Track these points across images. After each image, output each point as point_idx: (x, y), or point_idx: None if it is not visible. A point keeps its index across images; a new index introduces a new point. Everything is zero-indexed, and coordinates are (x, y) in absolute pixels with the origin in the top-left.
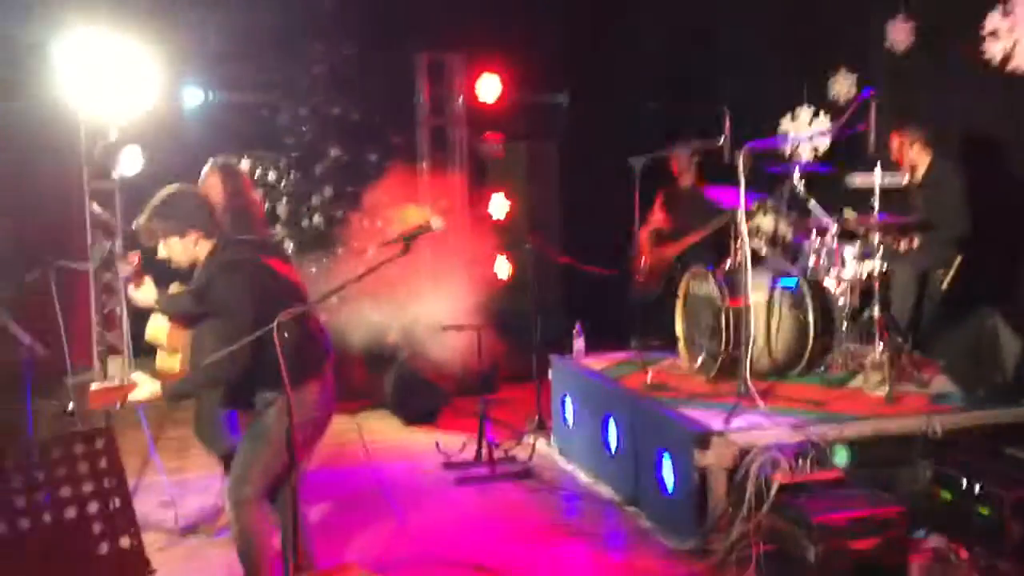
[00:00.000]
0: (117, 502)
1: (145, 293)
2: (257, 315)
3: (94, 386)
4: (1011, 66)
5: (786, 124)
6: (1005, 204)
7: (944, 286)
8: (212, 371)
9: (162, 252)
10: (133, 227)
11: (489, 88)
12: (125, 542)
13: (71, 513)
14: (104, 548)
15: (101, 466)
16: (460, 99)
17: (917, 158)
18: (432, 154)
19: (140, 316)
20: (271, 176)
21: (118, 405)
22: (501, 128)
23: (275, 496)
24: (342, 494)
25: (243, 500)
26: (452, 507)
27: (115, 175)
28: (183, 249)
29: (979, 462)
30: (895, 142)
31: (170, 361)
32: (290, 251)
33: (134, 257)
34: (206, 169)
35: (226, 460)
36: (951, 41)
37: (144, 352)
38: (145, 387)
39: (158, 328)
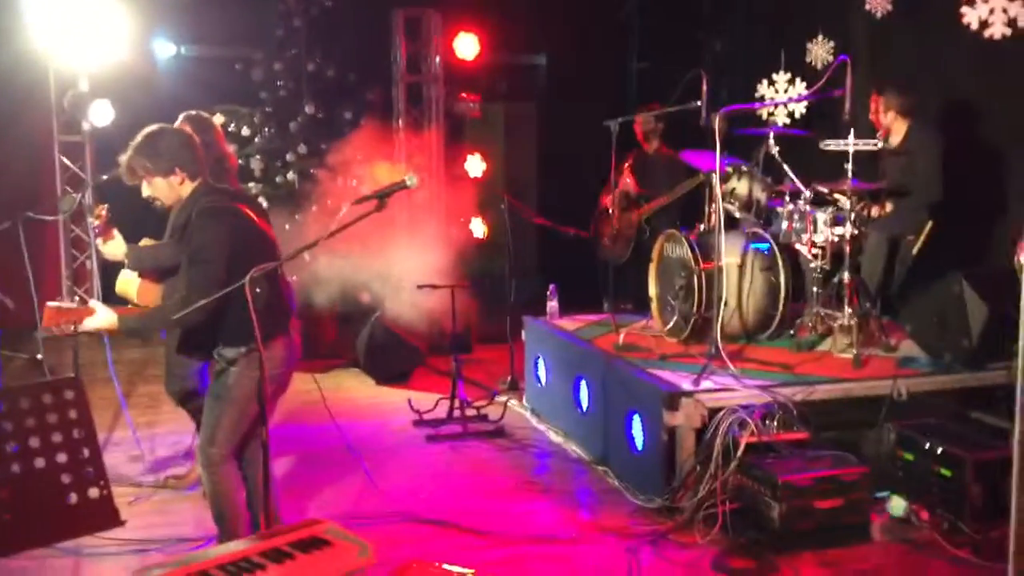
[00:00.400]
0: (86, 453)
1: (114, 247)
2: (230, 264)
3: (50, 304)
4: (988, 32)
5: (763, 89)
6: (978, 170)
7: (914, 252)
8: (174, 314)
9: (146, 191)
10: (118, 163)
11: (467, 47)
12: (94, 493)
13: (40, 463)
14: (73, 498)
15: (70, 416)
16: (437, 57)
17: (892, 124)
18: (408, 112)
19: (111, 270)
20: (245, 131)
21: (73, 328)
22: (479, 88)
23: (241, 454)
24: (311, 450)
25: (212, 461)
26: (423, 464)
27: (85, 126)
28: (167, 188)
29: (942, 425)
30: (873, 104)
31: (128, 286)
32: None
33: (102, 210)
34: (178, 121)
35: (180, 401)
36: (929, 7)
37: (115, 306)
38: (102, 315)
39: (127, 282)
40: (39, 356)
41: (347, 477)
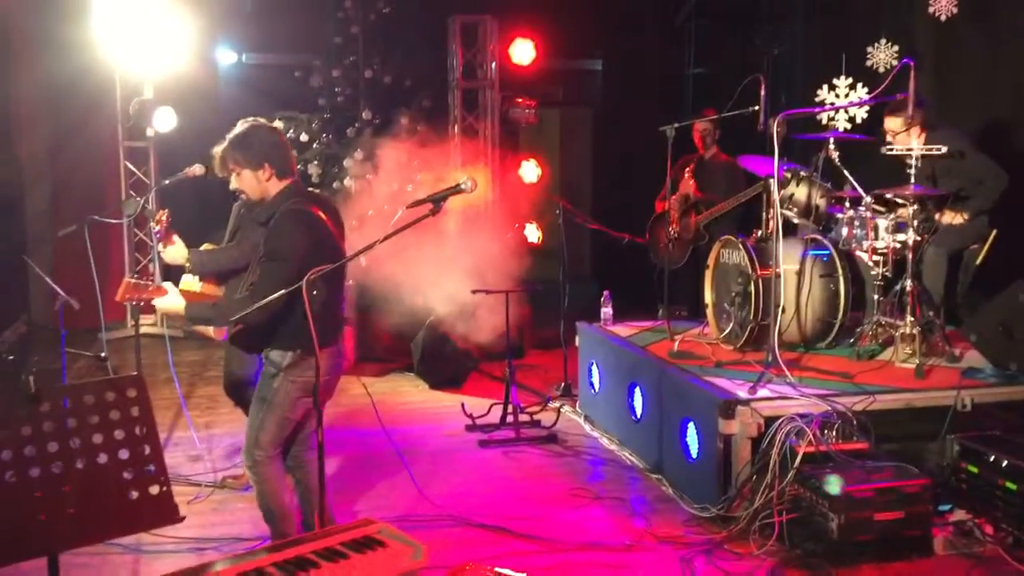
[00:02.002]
0: (147, 450)
1: (175, 252)
2: (301, 270)
3: (128, 279)
4: None
5: (823, 94)
6: None
7: (978, 260)
8: (239, 310)
9: (234, 183)
10: (212, 154)
11: (523, 52)
12: (155, 489)
13: (103, 459)
14: (134, 494)
15: (132, 414)
16: (493, 63)
17: (909, 140)
18: (464, 118)
19: (172, 272)
20: (303, 137)
21: (142, 304)
22: (534, 93)
23: (287, 456)
24: (364, 453)
25: (257, 462)
26: (475, 469)
27: (149, 132)
28: (255, 182)
29: (1007, 437)
30: (891, 123)
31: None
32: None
33: (163, 215)
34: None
35: (235, 397)
36: (995, 8)
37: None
38: (172, 299)
39: (189, 285)
40: (103, 355)
41: (400, 480)
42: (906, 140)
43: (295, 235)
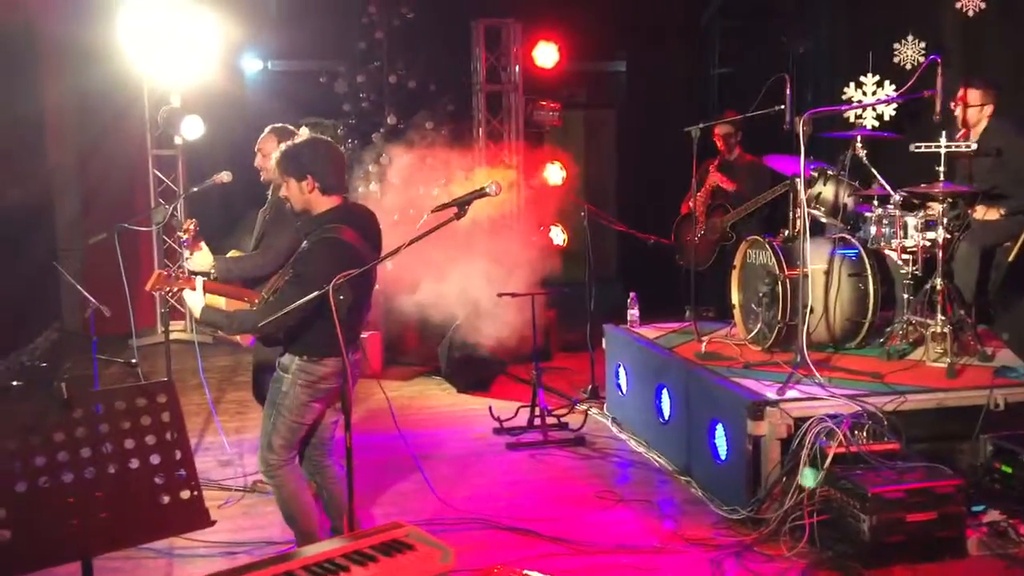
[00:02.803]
0: (179, 455)
1: (201, 259)
2: (321, 298)
3: (162, 271)
4: None
5: (850, 92)
6: None
7: (1011, 258)
8: (256, 322)
9: (283, 191)
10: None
11: (546, 55)
12: (186, 494)
13: (134, 464)
14: (165, 499)
15: (163, 419)
16: (517, 66)
17: (980, 121)
18: (488, 121)
19: None
20: None
21: (168, 292)
22: (558, 96)
23: (303, 460)
24: (396, 456)
25: (271, 466)
26: (503, 472)
27: (177, 140)
28: (298, 192)
29: None
30: (967, 98)
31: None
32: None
33: (190, 224)
34: (264, 133)
35: (259, 395)
36: (1022, 2)
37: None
38: (196, 296)
39: (214, 299)
40: (133, 361)
41: (431, 483)
42: (977, 115)
43: (325, 264)
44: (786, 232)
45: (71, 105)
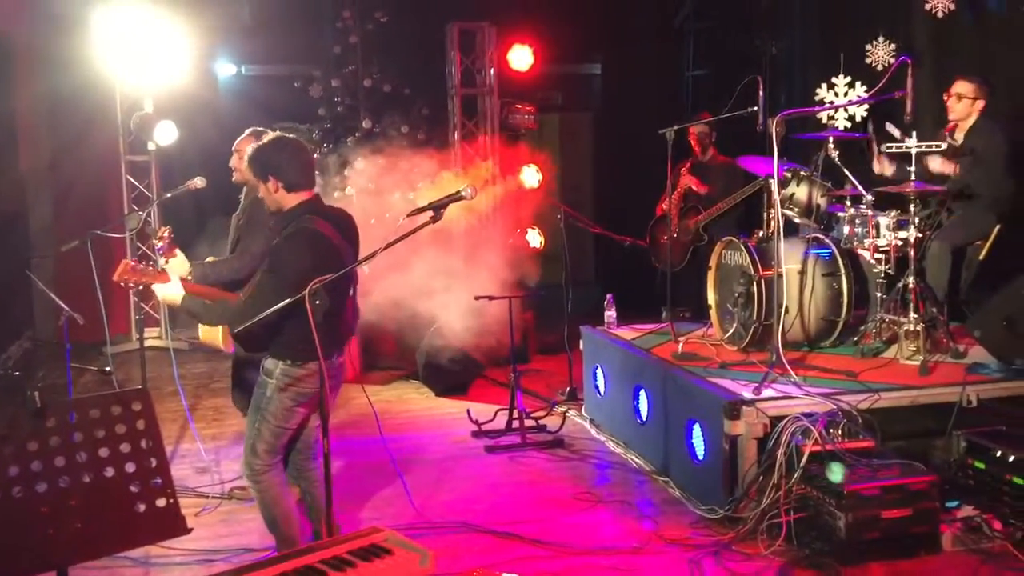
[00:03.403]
0: (154, 463)
1: (177, 265)
2: (298, 286)
3: (128, 260)
4: None
5: (823, 93)
6: None
7: (981, 256)
8: (234, 316)
9: (260, 192)
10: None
11: (521, 58)
12: (162, 502)
13: (109, 473)
14: (141, 507)
15: (138, 427)
16: (492, 70)
17: (970, 115)
18: (463, 124)
19: None
20: None
21: (140, 286)
22: (534, 99)
23: (287, 465)
24: (374, 461)
25: (255, 472)
26: (482, 475)
27: (150, 146)
28: (267, 194)
29: (1014, 432)
30: (960, 89)
31: (213, 332)
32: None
33: (165, 231)
34: (242, 136)
35: (238, 400)
36: (991, 3)
37: (180, 323)
38: (172, 288)
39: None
40: (107, 368)
41: (411, 487)
42: (968, 109)
43: (298, 255)
44: (760, 233)
45: (43, 111)
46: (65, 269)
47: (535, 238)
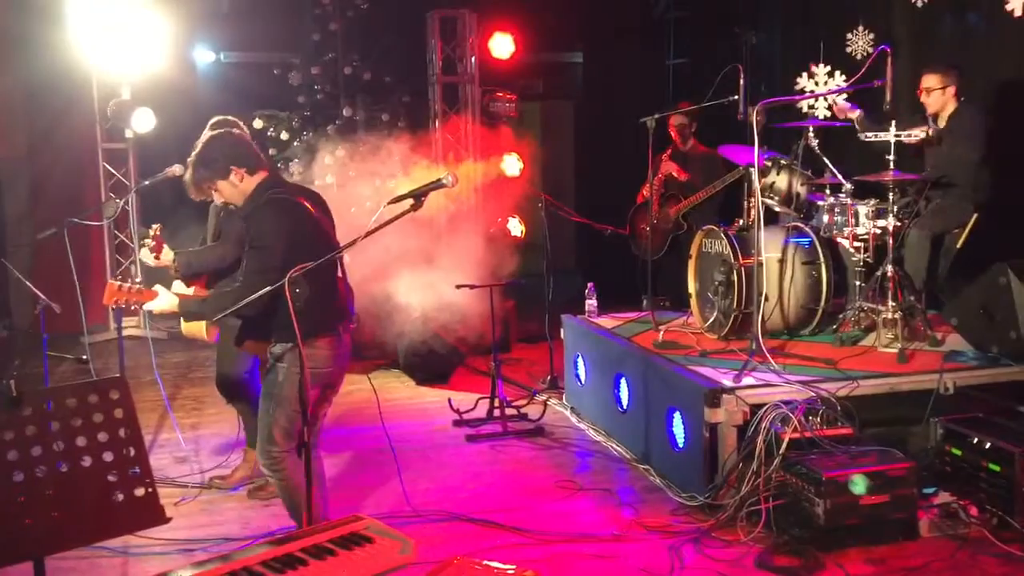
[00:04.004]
0: (132, 452)
1: (163, 257)
2: (287, 255)
3: (112, 281)
4: None
5: (803, 82)
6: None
7: (959, 244)
8: (230, 302)
9: (217, 200)
10: (185, 181)
11: (502, 46)
12: (140, 491)
13: (87, 462)
14: (119, 497)
15: (116, 416)
16: (473, 57)
17: (944, 105)
18: (444, 112)
19: (153, 276)
20: (284, 135)
21: (131, 306)
22: (515, 87)
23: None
24: (355, 450)
25: (274, 460)
26: (463, 464)
27: (128, 134)
28: (232, 189)
29: (990, 419)
30: (929, 81)
31: (196, 324)
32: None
33: (157, 230)
34: (207, 130)
35: (229, 396)
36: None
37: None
38: (164, 299)
39: (180, 291)
40: (84, 357)
41: (388, 476)
42: (940, 100)
43: (274, 221)
44: (740, 221)
45: (19, 98)
46: (42, 258)
47: (516, 227)
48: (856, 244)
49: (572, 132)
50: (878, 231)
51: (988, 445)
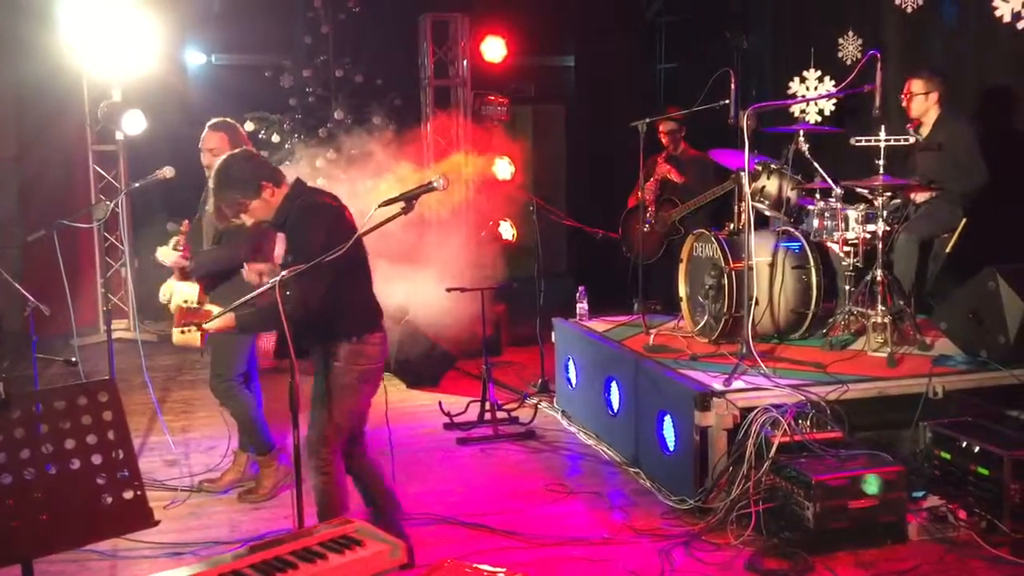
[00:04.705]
0: (121, 454)
1: (172, 254)
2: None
3: (182, 305)
4: (1022, 25)
5: (795, 86)
6: (1012, 164)
7: (948, 249)
8: (288, 309)
9: (248, 221)
10: (210, 212)
11: (494, 50)
12: (129, 494)
13: (75, 465)
14: (108, 499)
15: (105, 418)
16: (464, 61)
17: (927, 111)
18: (436, 116)
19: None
20: (275, 138)
21: (196, 329)
22: (506, 91)
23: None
24: None
25: (324, 463)
26: (454, 467)
27: (118, 136)
28: (264, 205)
29: (978, 423)
30: (913, 87)
31: (189, 336)
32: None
33: (183, 226)
34: (208, 130)
35: (223, 399)
36: (961, 0)
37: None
38: (222, 319)
39: (189, 293)
40: (73, 360)
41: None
42: (923, 105)
43: (316, 228)
44: (731, 225)
45: (8, 99)
46: (31, 260)
47: (508, 230)
48: (846, 248)
49: (563, 136)
50: (868, 235)
51: (977, 449)
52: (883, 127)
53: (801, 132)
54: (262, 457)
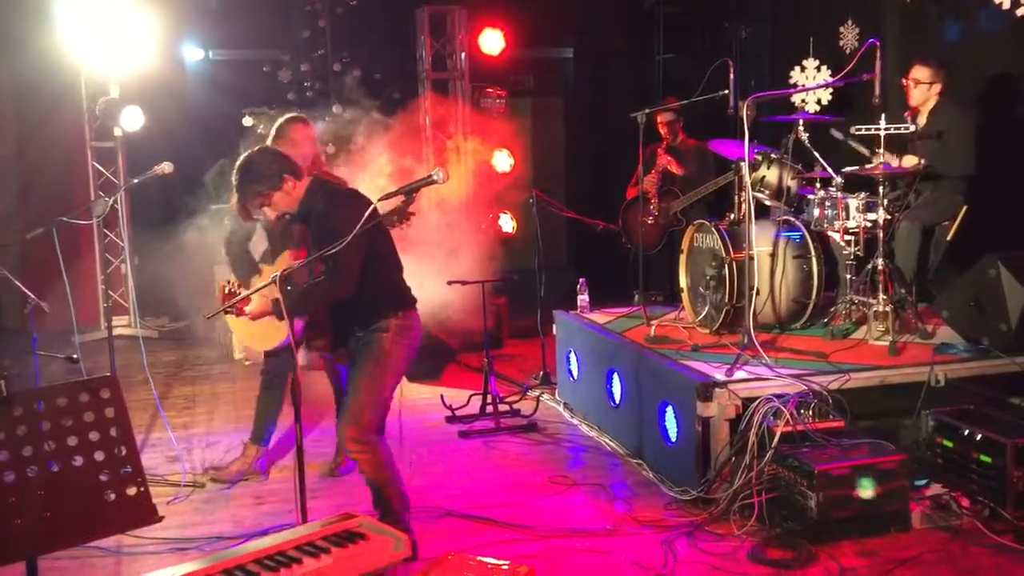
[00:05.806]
0: (123, 451)
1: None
2: (363, 239)
3: (223, 287)
4: (1021, 12)
5: (795, 76)
6: (1013, 151)
7: (949, 237)
8: (332, 291)
9: (271, 215)
10: (232, 210)
11: (492, 42)
12: (132, 490)
13: (78, 462)
14: (111, 496)
15: (107, 415)
16: (462, 54)
17: (927, 100)
18: (434, 109)
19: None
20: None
21: (236, 311)
22: (505, 83)
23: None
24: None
25: (369, 443)
26: (456, 460)
27: (117, 132)
28: (286, 198)
29: (980, 411)
30: (918, 74)
31: (265, 335)
32: None
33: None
34: (290, 125)
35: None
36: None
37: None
38: (255, 302)
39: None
40: (75, 356)
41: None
42: (925, 94)
43: (346, 213)
44: (732, 216)
45: (7, 97)
46: (31, 257)
47: (508, 222)
48: (847, 237)
49: (562, 127)
50: (868, 224)
51: (979, 437)
52: (883, 115)
53: (801, 121)
54: (252, 444)
